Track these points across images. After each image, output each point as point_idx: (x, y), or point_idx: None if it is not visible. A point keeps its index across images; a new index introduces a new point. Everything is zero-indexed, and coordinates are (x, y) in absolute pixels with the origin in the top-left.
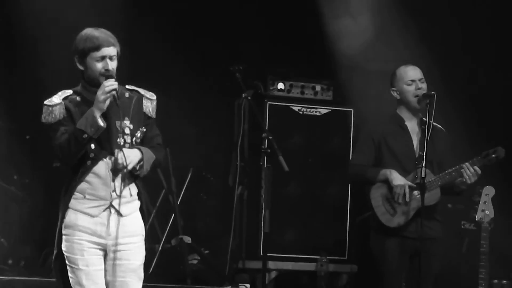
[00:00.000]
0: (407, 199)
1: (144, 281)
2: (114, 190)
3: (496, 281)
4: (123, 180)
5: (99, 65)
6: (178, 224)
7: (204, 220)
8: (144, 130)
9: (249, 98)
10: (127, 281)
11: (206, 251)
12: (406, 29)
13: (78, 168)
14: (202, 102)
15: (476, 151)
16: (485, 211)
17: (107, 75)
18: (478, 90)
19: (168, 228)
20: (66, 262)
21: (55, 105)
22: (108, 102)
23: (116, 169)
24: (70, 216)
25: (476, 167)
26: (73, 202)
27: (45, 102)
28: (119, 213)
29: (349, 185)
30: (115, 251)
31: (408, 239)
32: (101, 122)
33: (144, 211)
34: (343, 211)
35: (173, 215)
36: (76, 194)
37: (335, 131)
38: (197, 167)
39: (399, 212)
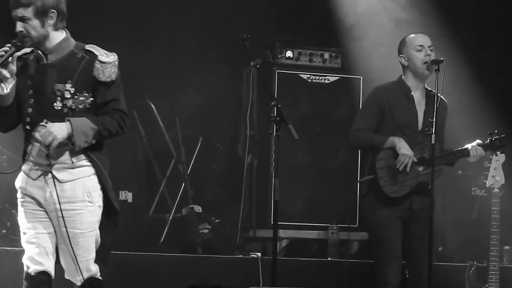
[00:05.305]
0: (407, 170)
1: (149, 249)
2: (50, 163)
3: (507, 247)
4: (57, 146)
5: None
6: (188, 193)
7: (214, 189)
8: (89, 95)
9: (257, 66)
10: (65, 249)
11: (217, 220)
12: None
13: (24, 131)
14: (211, 71)
15: (482, 126)
16: (495, 177)
17: (17, 40)
18: (486, 64)
19: (178, 197)
20: None
21: None
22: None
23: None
24: (19, 178)
25: (481, 151)
26: (24, 165)
27: None
28: (56, 179)
29: (359, 152)
30: (57, 217)
31: (400, 208)
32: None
33: (103, 180)
34: (353, 179)
35: (183, 184)
36: (26, 156)
37: (344, 99)
38: (206, 136)
39: (398, 183)
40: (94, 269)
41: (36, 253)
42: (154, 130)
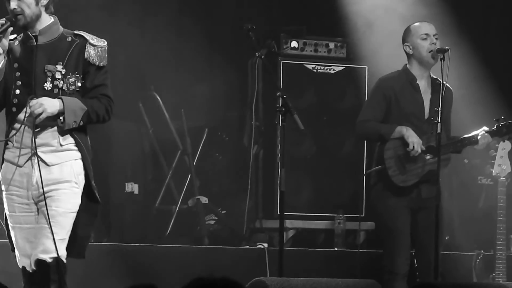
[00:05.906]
0: (416, 154)
1: (145, 241)
2: (35, 137)
3: None
4: (44, 128)
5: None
6: (194, 185)
7: (220, 180)
8: (81, 77)
9: (262, 57)
10: (43, 227)
11: (223, 211)
12: None
13: (8, 115)
14: (216, 62)
15: (488, 113)
16: (501, 165)
17: (12, 16)
18: (493, 52)
19: (184, 189)
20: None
21: None
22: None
23: (31, 117)
24: (4, 168)
25: (488, 138)
26: (6, 153)
27: None
28: (44, 162)
29: (365, 142)
30: (40, 201)
31: (409, 197)
32: None
33: (86, 166)
34: (359, 169)
35: (189, 176)
36: (8, 143)
37: (349, 89)
38: (212, 128)
39: (407, 172)
40: (64, 253)
41: (29, 247)
42: (160, 121)
